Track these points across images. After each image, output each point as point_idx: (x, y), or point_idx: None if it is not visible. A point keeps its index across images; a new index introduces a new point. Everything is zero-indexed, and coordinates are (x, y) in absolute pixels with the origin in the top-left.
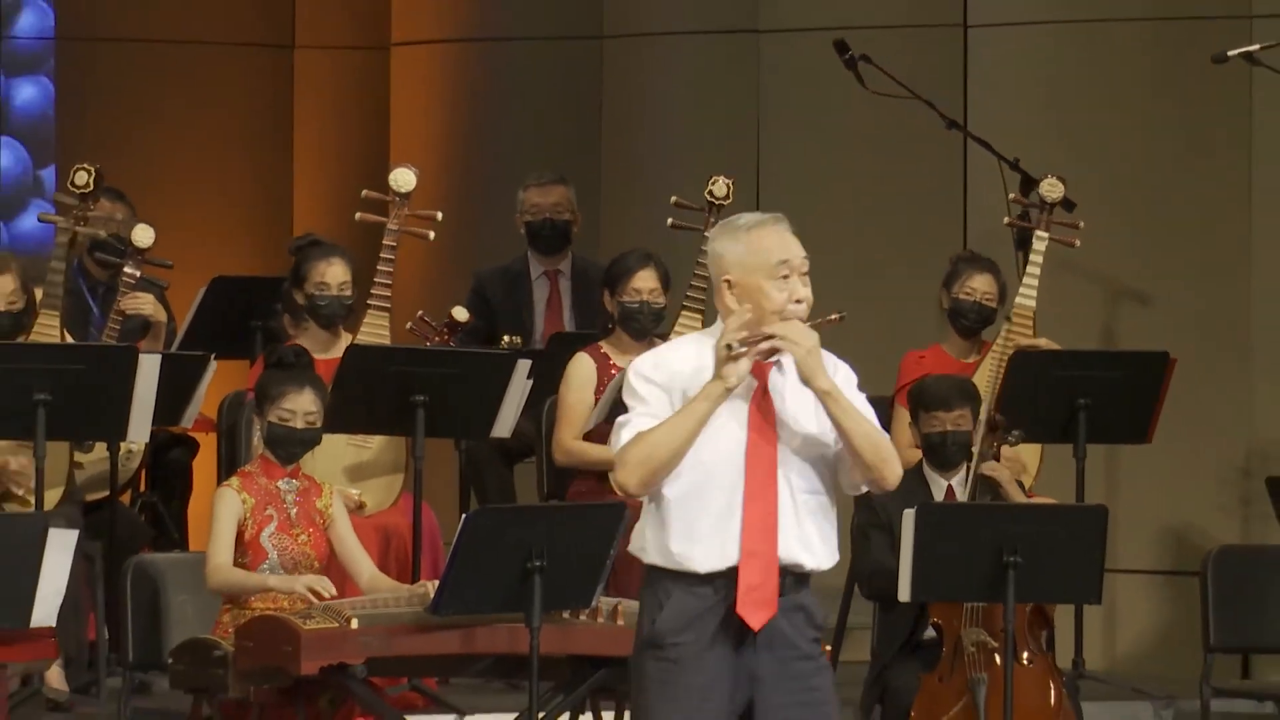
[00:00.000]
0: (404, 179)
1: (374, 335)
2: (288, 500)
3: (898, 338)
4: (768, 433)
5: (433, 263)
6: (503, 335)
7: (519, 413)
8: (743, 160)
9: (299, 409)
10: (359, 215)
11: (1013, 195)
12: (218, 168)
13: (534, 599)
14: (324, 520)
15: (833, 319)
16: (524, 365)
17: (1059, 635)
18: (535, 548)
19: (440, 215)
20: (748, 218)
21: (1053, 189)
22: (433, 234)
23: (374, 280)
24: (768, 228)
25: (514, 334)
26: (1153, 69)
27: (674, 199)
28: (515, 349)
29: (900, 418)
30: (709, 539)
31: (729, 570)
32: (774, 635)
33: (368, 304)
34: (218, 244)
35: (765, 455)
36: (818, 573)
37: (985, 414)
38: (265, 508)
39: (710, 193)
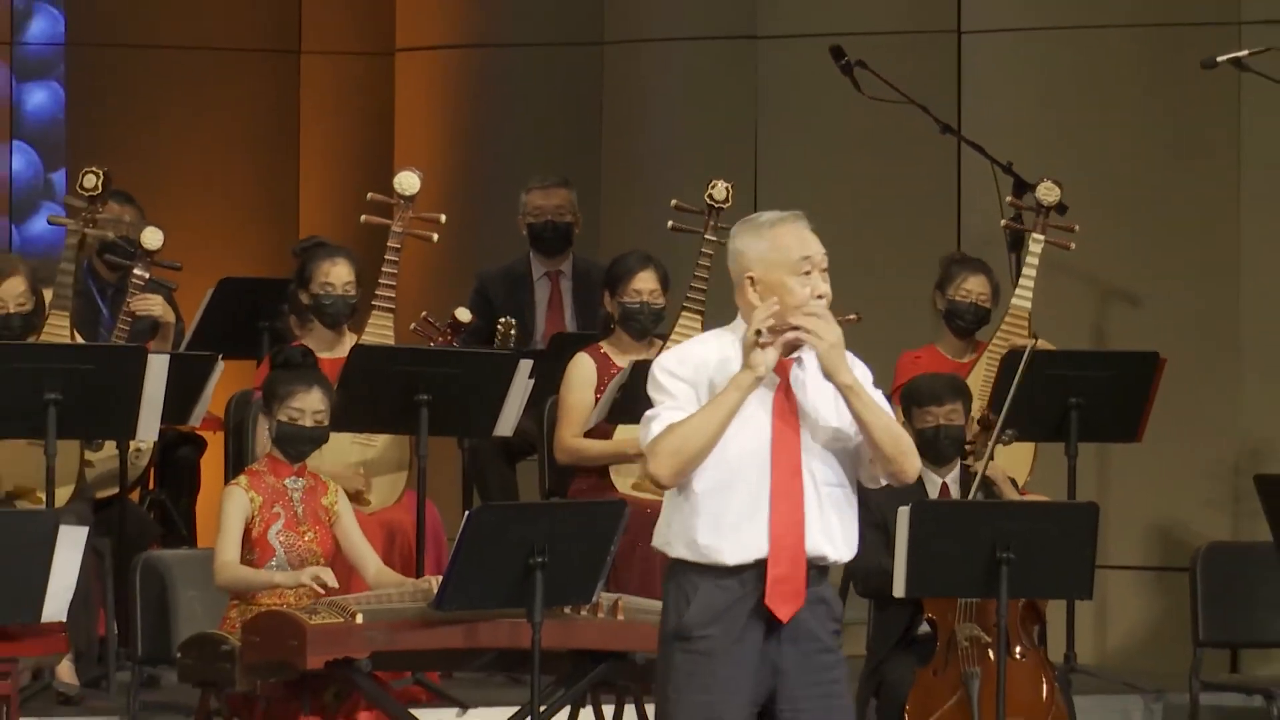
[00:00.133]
0: (408, 182)
1: (378, 336)
2: (294, 498)
3: (893, 338)
4: (792, 427)
5: (436, 264)
6: (498, 321)
7: (521, 412)
8: (741, 163)
9: (307, 407)
10: (364, 218)
11: (1009, 198)
12: (225, 171)
13: (535, 594)
14: (329, 517)
15: (850, 319)
16: (526, 365)
17: (1051, 630)
18: (537, 544)
19: (444, 217)
20: (769, 215)
21: (1049, 192)
22: (436, 236)
23: (378, 281)
24: (789, 225)
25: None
26: (1143, 74)
27: (674, 202)
28: (511, 335)
29: (897, 416)
30: (736, 532)
31: (755, 563)
32: (798, 627)
33: (372, 305)
34: (225, 246)
35: (790, 449)
36: (838, 564)
37: (980, 413)
38: (272, 505)
39: (710, 196)
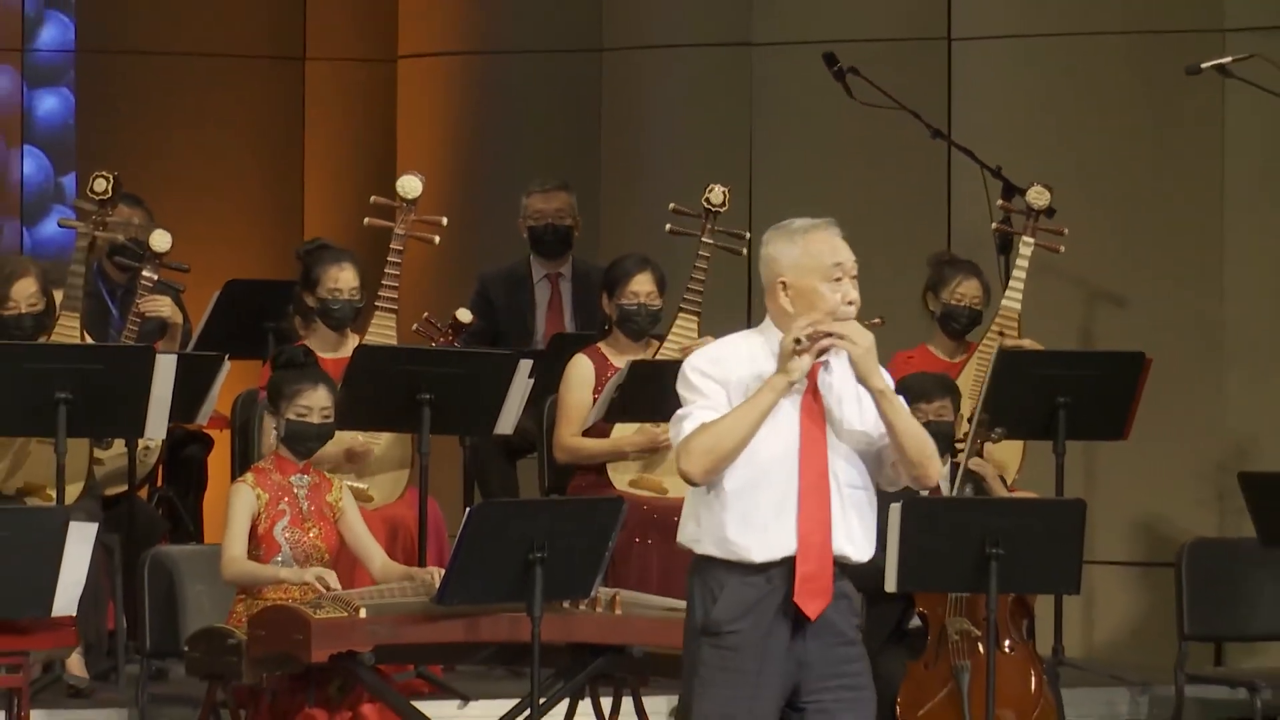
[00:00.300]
0: (410, 185)
1: (381, 336)
2: (300, 495)
3: (886, 338)
4: (819, 429)
5: (438, 266)
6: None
7: (521, 410)
8: (736, 167)
9: (315, 404)
10: (367, 220)
11: (999, 201)
12: (231, 175)
13: (535, 589)
14: (334, 513)
15: (875, 323)
16: (525, 365)
17: (1039, 624)
18: (537, 540)
19: (445, 220)
20: (801, 222)
21: (1039, 196)
22: (438, 238)
23: (381, 283)
24: (822, 231)
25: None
26: (1129, 80)
27: (672, 206)
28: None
29: None
30: (764, 531)
31: (781, 561)
32: (822, 623)
33: (375, 305)
34: (231, 248)
35: (818, 451)
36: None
37: (971, 411)
38: (278, 502)
39: (707, 199)
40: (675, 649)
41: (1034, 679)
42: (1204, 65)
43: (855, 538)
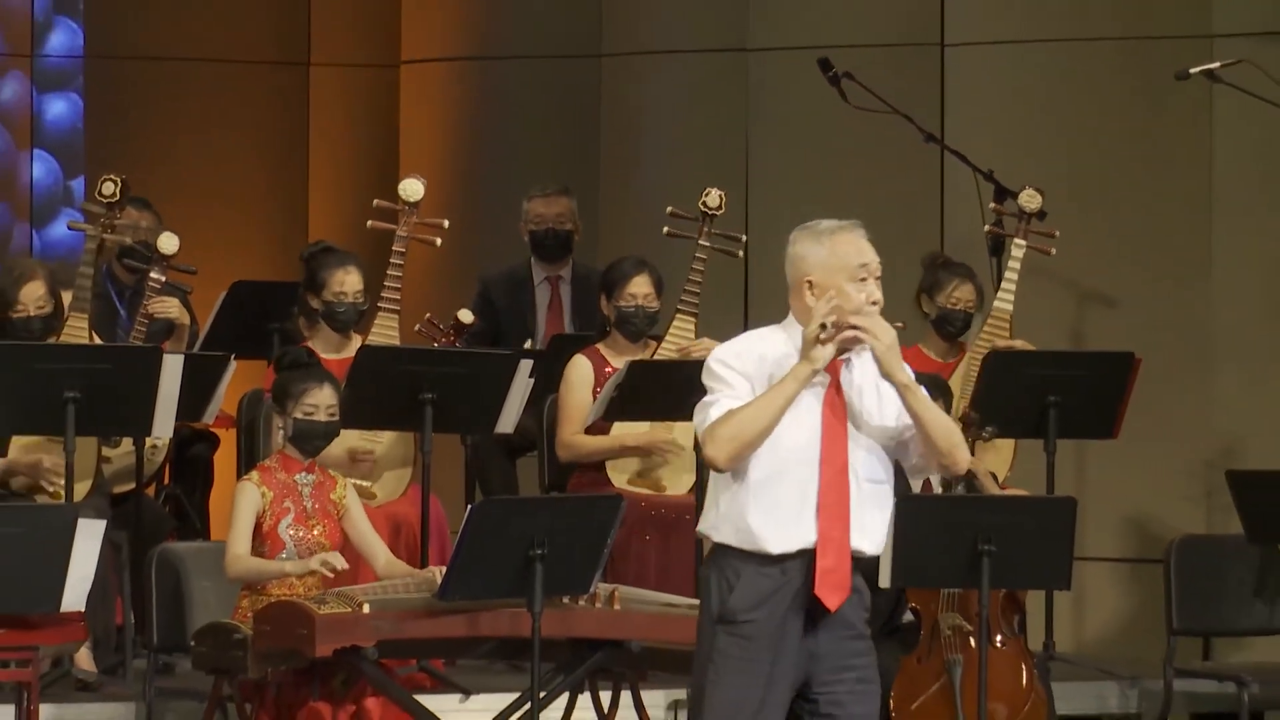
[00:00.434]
0: (413, 189)
1: (384, 336)
2: (304, 493)
3: None
4: (841, 424)
5: (440, 268)
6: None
7: (521, 410)
8: (732, 171)
9: (321, 403)
10: (370, 223)
11: (991, 204)
12: (237, 178)
13: (535, 585)
14: (339, 511)
15: (898, 326)
16: (526, 365)
17: (1030, 619)
18: (537, 537)
19: (447, 223)
20: (828, 223)
21: (1031, 200)
22: (440, 240)
23: (384, 284)
24: (848, 233)
25: (516, 333)
26: (1119, 85)
27: (669, 209)
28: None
29: None
30: (783, 523)
31: (798, 553)
32: (835, 616)
33: (378, 307)
34: (237, 250)
35: (839, 446)
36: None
37: (963, 411)
38: (283, 500)
39: (704, 203)
40: (673, 644)
41: (1025, 673)
42: (1193, 70)
43: (870, 532)
